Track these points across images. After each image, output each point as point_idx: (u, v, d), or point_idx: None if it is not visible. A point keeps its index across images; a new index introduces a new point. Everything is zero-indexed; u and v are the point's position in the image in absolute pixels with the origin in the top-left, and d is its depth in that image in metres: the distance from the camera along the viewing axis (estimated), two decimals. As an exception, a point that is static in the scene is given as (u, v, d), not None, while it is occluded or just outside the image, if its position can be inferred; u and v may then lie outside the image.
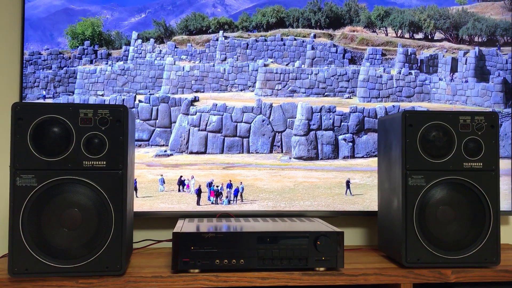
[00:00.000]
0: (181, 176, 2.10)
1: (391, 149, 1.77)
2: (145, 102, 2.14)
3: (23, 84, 2.05)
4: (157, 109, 2.14)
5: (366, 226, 2.23)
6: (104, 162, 1.52)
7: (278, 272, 1.57)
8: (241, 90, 2.18)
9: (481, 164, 1.68)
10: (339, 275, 1.59)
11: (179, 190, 2.09)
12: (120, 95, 2.11)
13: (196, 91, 2.16)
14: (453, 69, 2.27)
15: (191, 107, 2.15)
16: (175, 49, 2.18)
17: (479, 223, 1.66)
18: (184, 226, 1.70)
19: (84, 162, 1.51)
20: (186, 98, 2.15)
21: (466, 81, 2.24)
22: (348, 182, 2.16)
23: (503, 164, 2.07)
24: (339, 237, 1.61)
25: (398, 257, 1.68)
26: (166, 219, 2.09)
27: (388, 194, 1.81)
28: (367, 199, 2.15)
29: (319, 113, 2.18)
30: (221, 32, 2.20)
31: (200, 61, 2.18)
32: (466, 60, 2.27)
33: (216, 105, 2.16)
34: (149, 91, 2.14)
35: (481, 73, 2.27)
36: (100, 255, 1.49)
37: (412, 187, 1.65)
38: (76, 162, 1.50)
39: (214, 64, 2.18)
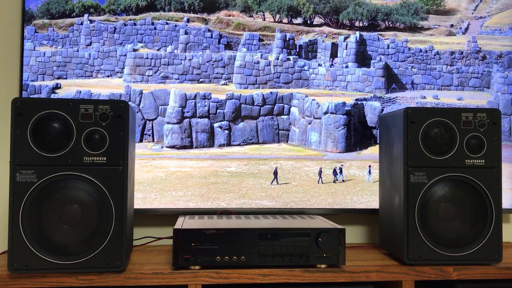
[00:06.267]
0: None
1: (393, 146, 1.76)
2: None
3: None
4: None
5: (367, 224, 2.22)
6: (105, 158, 1.51)
7: (279, 269, 1.56)
8: (108, 76, 2.10)
9: (483, 161, 1.67)
10: (341, 272, 1.58)
11: None
12: None
13: (58, 78, 2.07)
14: (333, 54, 2.20)
15: (52, 94, 2.05)
16: (35, 33, 2.08)
17: (481, 220, 1.66)
18: (184, 223, 1.69)
19: (84, 158, 1.50)
20: (46, 85, 2.05)
21: (347, 67, 2.19)
22: (275, 172, 2.10)
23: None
24: (341, 234, 1.60)
25: (400, 254, 1.67)
26: (166, 216, 2.08)
27: (390, 191, 1.80)
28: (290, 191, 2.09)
29: (194, 100, 2.11)
30: (86, 15, 2.10)
31: (62, 46, 2.09)
32: (347, 45, 2.21)
33: (80, 92, 2.07)
34: None
35: (362, 58, 2.22)
36: (100, 252, 1.48)
37: (414, 184, 1.65)
38: (76, 158, 1.50)
39: (78, 49, 2.09)
